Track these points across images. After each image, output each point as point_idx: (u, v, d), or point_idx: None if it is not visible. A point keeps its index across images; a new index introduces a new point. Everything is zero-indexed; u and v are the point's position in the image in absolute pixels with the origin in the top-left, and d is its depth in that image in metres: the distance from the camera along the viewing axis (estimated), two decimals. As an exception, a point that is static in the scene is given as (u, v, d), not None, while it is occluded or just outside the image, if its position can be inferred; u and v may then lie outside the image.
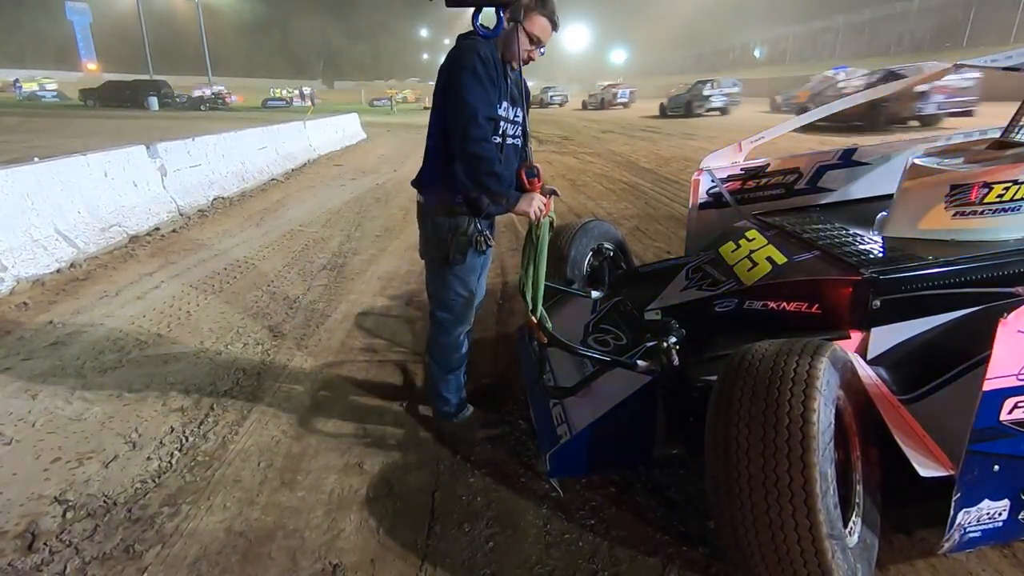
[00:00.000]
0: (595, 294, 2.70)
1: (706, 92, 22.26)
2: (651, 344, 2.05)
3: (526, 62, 2.00)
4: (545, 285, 2.61)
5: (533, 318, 2.23)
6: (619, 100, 33.03)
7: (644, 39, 71.51)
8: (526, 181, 2.03)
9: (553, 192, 2.14)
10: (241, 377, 2.91)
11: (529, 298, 2.21)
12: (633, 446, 2.02)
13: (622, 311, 2.55)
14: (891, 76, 16.41)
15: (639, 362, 1.97)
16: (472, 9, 1.91)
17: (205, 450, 2.33)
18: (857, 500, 1.66)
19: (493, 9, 1.90)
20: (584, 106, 34.50)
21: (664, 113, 23.99)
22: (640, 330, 2.33)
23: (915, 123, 14.56)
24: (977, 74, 17.28)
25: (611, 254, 3.14)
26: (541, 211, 2.02)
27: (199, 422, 2.52)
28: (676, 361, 1.91)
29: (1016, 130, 2.82)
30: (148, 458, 2.28)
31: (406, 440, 2.38)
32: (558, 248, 2.96)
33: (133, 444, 2.37)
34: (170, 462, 2.25)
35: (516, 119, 2.05)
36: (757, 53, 55.56)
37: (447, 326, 2.24)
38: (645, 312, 2.43)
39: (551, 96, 39.04)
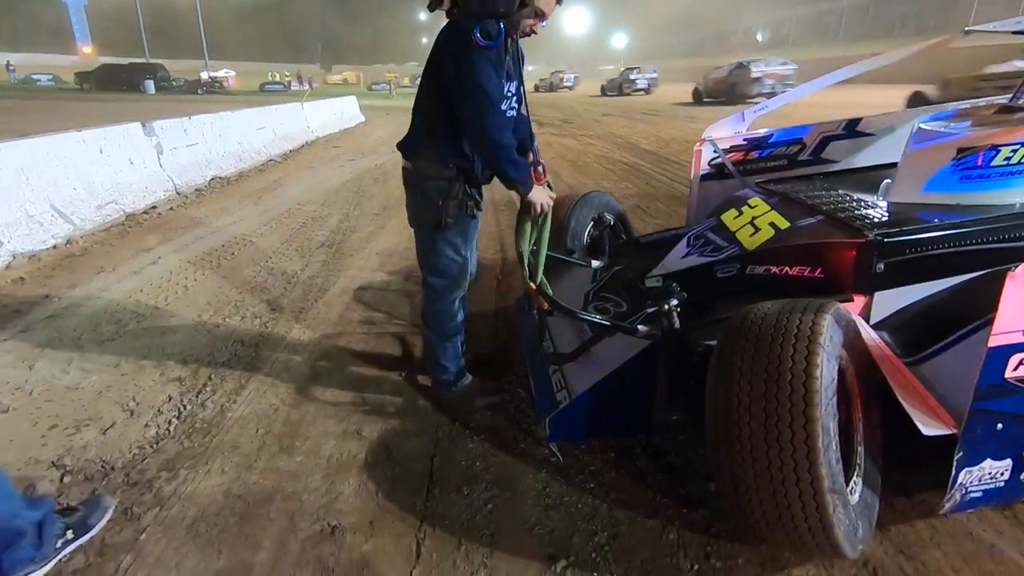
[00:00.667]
0: (595, 263, 2.68)
1: (632, 77, 29.10)
2: (652, 310, 2.04)
3: (528, 34, 2.00)
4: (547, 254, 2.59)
5: (532, 284, 2.21)
6: (639, 87, 29.15)
7: (645, 23, 70.69)
8: (532, 174, 2.06)
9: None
10: (239, 348, 2.89)
11: (527, 265, 2.19)
12: (633, 411, 2.01)
13: (623, 280, 2.53)
14: (739, 67, 19.98)
15: (639, 326, 1.94)
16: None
17: (203, 418, 2.32)
18: (858, 461, 1.65)
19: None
20: (603, 92, 31.22)
21: (604, 93, 29.87)
22: (641, 298, 2.31)
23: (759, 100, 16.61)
24: (794, 65, 19.81)
25: (611, 224, 3.11)
26: (546, 206, 2.11)
27: (197, 391, 2.50)
28: (677, 324, 1.89)
29: None
30: (146, 425, 2.27)
31: (405, 408, 2.37)
32: (558, 218, 2.93)
33: (131, 412, 2.36)
34: (168, 429, 2.24)
35: (512, 94, 2.02)
36: (759, 36, 54.96)
37: (442, 292, 2.22)
38: (646, 279, 2.40)
39: (563, 80, 38.69)
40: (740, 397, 1.42)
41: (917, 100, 10.72)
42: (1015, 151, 2.06)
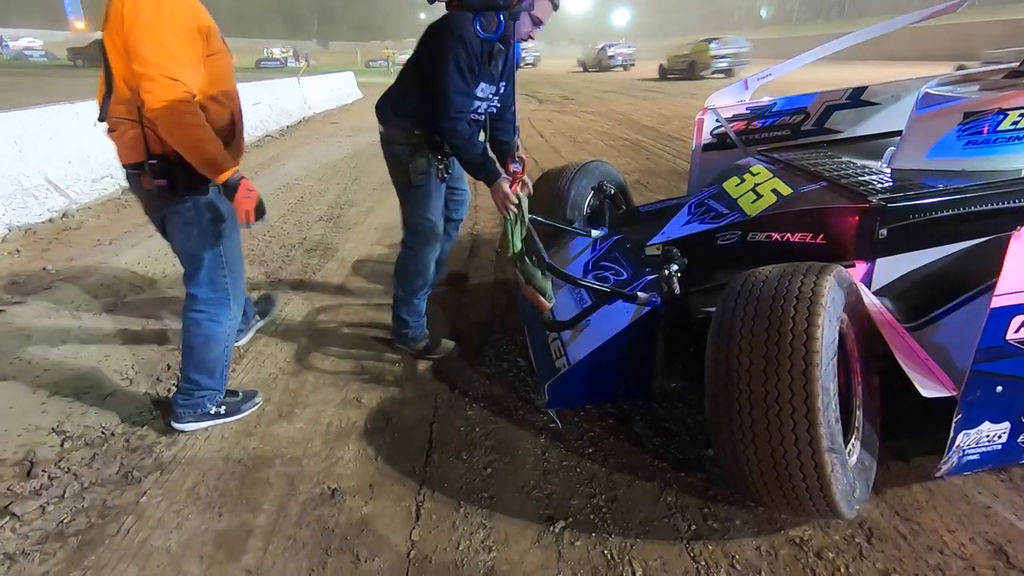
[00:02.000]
0: (595, 232, 2.66)
1: (610, 53, 31.17)
2: (651, 277, 2.02)
3: (525, 40, 2.20)
4: (544, 222, 2.57)
5: (528, 285, 2.20)
6: (617, 62, 30.14)
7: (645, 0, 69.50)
8: (510, 168, 2.21)
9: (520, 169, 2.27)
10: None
11: (518, 270, 2.24)
12: (632, 377, 2.01)
13: (623, 248, 2.51)
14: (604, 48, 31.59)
15: (639, 293, 1.93)
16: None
17: (202, 386, 2.31)
18: (857, 424, 1.65)
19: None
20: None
21: (585, 68, 32.55)
22: (641, 265, 2.30)
23: (719, 75, 20.72)
24: (745, 45, 22.22)
25: (611, 193, 3.08)
26: (508, 208, 2.19)
27: (196, 360, 2.50)
28: (677, 289, 1.88)
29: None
30: (145, 393, 2.27)
31: (404, 376, 2.37)
32: (558, 188, 2.90)
33: (130, 380, 2.36)
34: (167, 396, 2.24)
35: (490, 96, 2.22)
36: (763, 13, 54.03)
37: (413, 248, 2.36)
38: (646, 247, 2.38)
39: (611, 57, 30.75)
40: (740, 359, 1.42)
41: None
42: (1023, 115, 2.02)
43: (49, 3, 58.73)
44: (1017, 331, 1.44)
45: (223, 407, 2.06)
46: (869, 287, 1.92)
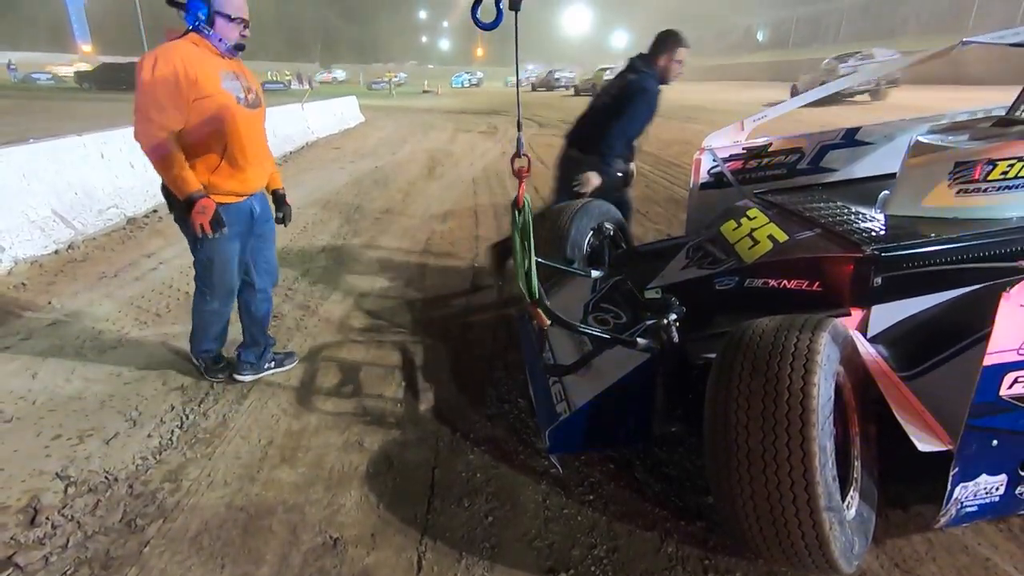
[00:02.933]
0: (595, 273, 2.69)
1: (557, 75, 36.42)
2: (651, 322, 2.05)
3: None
4: (544, 263, 2.60)
5: (531, 302, 2.21)
6: (562, 84, 35.20)
7: (645, 22, 70.69)
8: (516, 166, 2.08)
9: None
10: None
11: (523, 285, 2.18)
12: (632, 423, 2.02)
13: (622, 290, 2.55)
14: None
15: (639, 340, 1.96)
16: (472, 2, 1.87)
17: (206, 428, 2.33)
18: (855, 476, 1.67)
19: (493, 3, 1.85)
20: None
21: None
22: (640, 309, 2.32)
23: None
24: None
25: (611, 234, 3.13)
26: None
27: (199, 400, 2.52)
28: (676, 338, 1.91)
29: (1022, 108, 2.79)
30: (148, 435, 2.29)
31: (405, 417, 2.39)
32: (559, 227, 2.94)
33: (133, 422, 2.37)
34: (171, 439, 2.26)
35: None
36: (760, 35, 54.89)
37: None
38: (645, 291, 2.42)
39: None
40: (738, 414, 1.44)
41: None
42: (1012, 165, 2.07)
43: (57, 27, 59.78)
44: (1010, 387, 1.47)
45: (272, 362, 2.75)
46: (865, 334, 1.94)
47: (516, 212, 2.06)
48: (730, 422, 1.45)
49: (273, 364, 2.75)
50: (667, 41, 3.12)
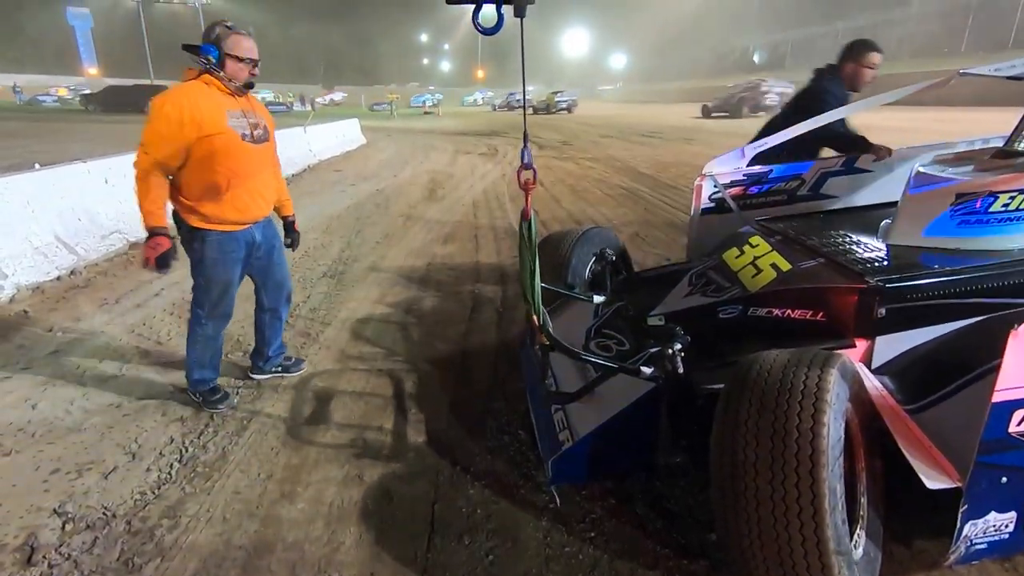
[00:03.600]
0: (597, 298, 2.69)
1: (557, 98, 36.01)
2: (655, 350, 2.04)
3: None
4: (547, 288, 2.58)
5: (536, 319, 2.18)
6: (561, 107, 35.19)
7: (643, 43, 71.73)
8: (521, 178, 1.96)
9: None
10: (241, 387, 2.90)
11: (528, 296, 2.14)
12: (636, 453, 2.01)
13: (624, 316, 2.55)
14: (510, 95, 42.10)
15: (643, 368, 1.94)
16: (472, 6, 1.80)
17: (205, 461, 2.32)
18: (861, 513, 1.65)
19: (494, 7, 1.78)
20: (535, 111, 34.69)
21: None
22: (643, 336, 2.32)
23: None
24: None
25: (612, 259, 3.14)
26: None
27: (199, 432, 2.51)
28: (680, 368, 1.90)
29: (1020, 139, 2.82)
30: (147, 469, 2.27)
31: (405, 449, 2.37)
32: (560, 255, 2.96)
33: (133, 455, 2.36)
34: (170, 473, 2.24)
35: None
36: (756, 57, 55.68)
37: None
38: (648, 318, 2.41)
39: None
40: (746, 452, 1.43)
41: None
42: (1013, 198, 2.08)
43: (64, 50, 60.70)
44: (1019, 424, 1.45)
45: (280, 367, 2.97)
46: (869, 366, 1.94)
47: (523, 225, 2.01)
48: (737, 460, 1.44)
49: (280, 369, 2.95)
50: (855, 46, 3.25)
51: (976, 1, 32.15)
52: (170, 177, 2.34)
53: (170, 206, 2.41)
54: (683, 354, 1.95)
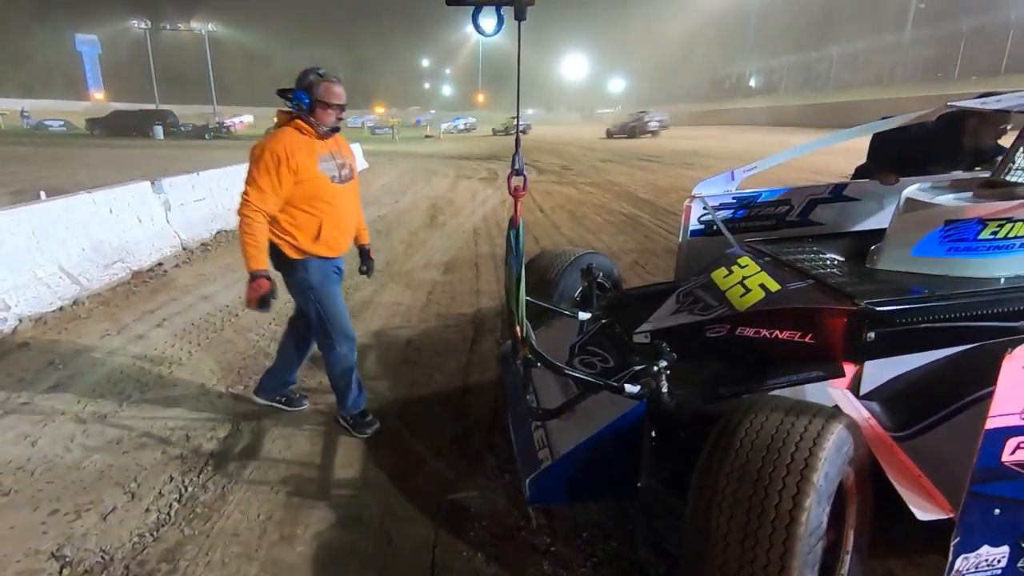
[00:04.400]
0: (582, 315, 2.65)
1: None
2: (640, 367, 1.97)
3: None
4: (532, 301, 2.52)
5: (519, 330, 2.09)
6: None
7: (642, 68, 72.93)
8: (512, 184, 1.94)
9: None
10: (242, 422, 2.90)
11: (513, 306, 2.08)
12: (618, 474, 1.93)
13: (610, 333, 2.51)
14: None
15: (627, 386, 1.88)
16: (472, 8, 1.78)
17: (204, 501, 2.31)
18: (842, 571, 1.61)
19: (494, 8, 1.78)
20: (494, 133, 38.40)
21: (506, 132, 37.19)
22: (628, 353, 2.29)
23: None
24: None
25: (599, 279, 3.10)
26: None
27: (199, 471, 2.51)
28: (665, 387, 1.86)
29: (1007, 170, 2.86)
30: (147, 510, 2.26)
31: (405, 489, 2.37)
32: (550, 277, 2.98)
33: (132, 495, 2.36)
34: (169, 514, 2.24)
35: None
36: (752, 82, 56.55)
37: None
38: (634, 335, 2.38)
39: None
40: (719, 522, 1.40)
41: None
42: (1000, 226, 2.11)
43: (71, 75, 61.71)
44: (1013, 453, 1.41)
45: (284, 399, 3.01)
46: (858, 391, 1.93)
47: (511, 233, 1.97)
48: (711, 528, 1.40)
49: (284, 400, 3.00)
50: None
51: (968, 28, 32.75)
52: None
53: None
54: (669, 372, 1.89)
